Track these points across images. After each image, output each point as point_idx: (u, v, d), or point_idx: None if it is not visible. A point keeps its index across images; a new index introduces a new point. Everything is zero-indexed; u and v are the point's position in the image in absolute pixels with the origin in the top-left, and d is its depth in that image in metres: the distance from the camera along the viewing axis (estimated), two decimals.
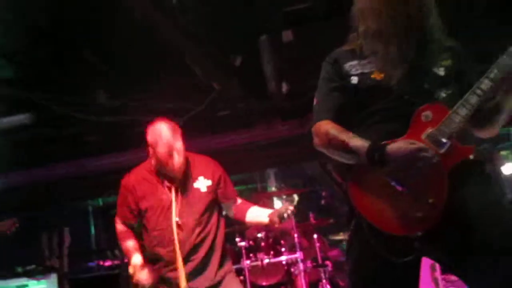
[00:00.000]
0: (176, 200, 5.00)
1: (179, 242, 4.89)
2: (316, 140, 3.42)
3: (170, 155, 4.90)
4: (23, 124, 9.41)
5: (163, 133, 4.96)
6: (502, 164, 9.84)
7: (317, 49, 3.66)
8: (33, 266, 8.26)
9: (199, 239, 5.01)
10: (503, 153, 9.99)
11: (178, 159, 4.93)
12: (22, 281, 8.00)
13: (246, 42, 8.29)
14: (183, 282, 4.85)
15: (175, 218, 4.93)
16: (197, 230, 5.01)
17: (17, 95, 8.84)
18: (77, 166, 9.97)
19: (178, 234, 4.90)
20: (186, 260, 4.92)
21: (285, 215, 4.95)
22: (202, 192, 5.10)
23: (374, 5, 3.29)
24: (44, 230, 9.85)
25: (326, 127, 3.36)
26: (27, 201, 9.09)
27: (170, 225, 4.94)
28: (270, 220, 5.08)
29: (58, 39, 7.96)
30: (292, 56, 8.02)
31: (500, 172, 9.77)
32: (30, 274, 8.06)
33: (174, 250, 4.89)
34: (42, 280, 7.96)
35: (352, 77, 3.36)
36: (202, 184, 5.12)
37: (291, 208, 4.96)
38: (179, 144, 4.98)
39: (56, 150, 9.73)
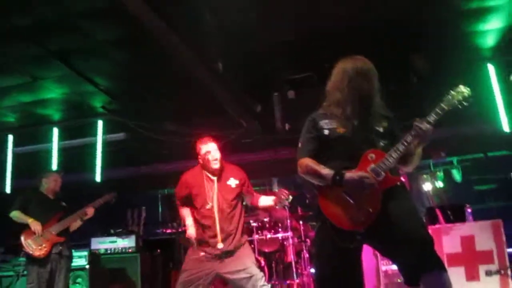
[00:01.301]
0: (212, 188, 5.12)
1: (216, 217, 5.03)
2: (300, 170, 3.45)
3: (211, 161, 5.09)
4: (121, 139, 9.49)
5: (206, 143, 5.17)
6: (424, 183, 9.79)
7: (309, 105, 3.66)
8: (120, 230, 8.28)
9: (229, 216, 5.08)
10: (424, 176, 9.92)
11: (216, 165, 5.10)
12: (113, 238, 8.02)
13: (264, 96, 8.36)
14: (219, 242, 4.97)
15: (214, 203, 5.06)
16: (228, 211, 5.07)
17: (118, 121, 8.94)
18: (154, 168, 10.02)
19: (216, 212, 5.03)
20: (220, 230, 4.99)
21: (282, 201, 5.18)
22: (232, 187, 5.17)
23: (339, 84, 3.37)
24: (129, 207, 9.89)
25: (306, 161, 3.40)
26: (121, 187, 9.12)
27: (210, 205, 5.06)
28: (274, 202, 5.25)
29: (145, 88, 8.07)
30: (293, 107, 8.06)
31: (422, 188, 9.72)
32: (118, 234, 8.08)
33: (213, 223, 5.02)
34: (126, 239, 7.97)
35: (324, 130, 3.38)
36: (232, 182, 5.20)
37: (287, 198, 5.14)
38: (217, 155, 5.12)
39: (140, 157, 9.79)
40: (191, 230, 5.08)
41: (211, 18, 6.00)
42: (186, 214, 5.21)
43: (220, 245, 4.97)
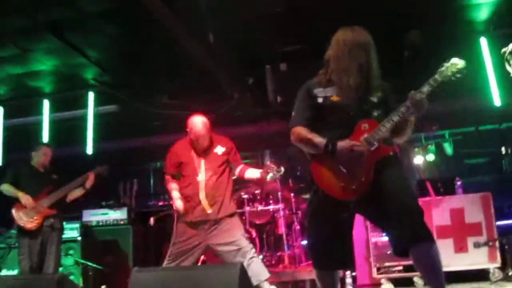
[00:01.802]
0: (200, 158, 5.22)
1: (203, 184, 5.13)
2: (292, 138, 3.46)
3: (199, 140, 5.16)
4: (113, 111, 9.45)
5: (197, 123, 5.17)
6: (415, 156, 9.86)
7: (302, 78, 3.65)
8: (112, 202, 8.27)
9: (216, 183, 5.16)
10: (416, 149, 9.97)
11: (202, 141, 5.18)
12: (105, 211, 8.02)
13: (256, 69, 8.32)
14: (207, 207, 5.06)
15: (203, 171, 5.17)
16: (214, 178, 5.16)
17: (110, 92, 8.89)
18: (145, 141, 9.99)
19: (203, 181, 5.13)
20: (207, 196, 5.08)
21: (270, 173, 5.16)
22: (218, 155, 5.26)
23: (340, 53, 3.34)
24: (121, 180, 9.87)
25: (299, 129, 3.40)
26: (112, 160, 9.10)
27: (197, 174, 5.15)
28: (261, 175, 5.27)
29: (137, 61, 8.02)
30: (285, 80, 8.03)
31: (413, 161, 9.79)
32: (110, 207, 8.08)
33: (201, 191, 5.10)
34: (118, 211, 7.97)
35: (318, 98, 3.38)
36: (219, 150, 5.28)
37: (278, 171, 5.16)
38: (204, 131, 5.16)
39: (132, 130, 9.76)
40: (178, 203, 5.15)
41: None
42: (173, 187, 5.28)
43: (209, 211, 5.04)
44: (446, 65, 3.22)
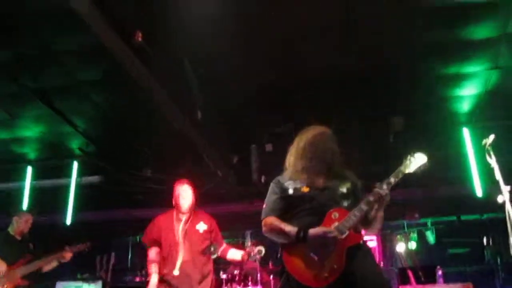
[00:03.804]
0: (182, 233, 5.10)
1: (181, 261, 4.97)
2: (264, 229, 3.49)
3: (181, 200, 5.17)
4: (96, 182, 9.36)
5: (183, 188, 5.24)
6: (397, 243, 9.80)
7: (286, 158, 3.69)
8: (87, 274, 8.06)
9: (195, 262, 5.01)
10: (398, 236, 9.93)
11: (184, 203, 5.16)
12: (79, 283, 7.81)
13: (242, 148, 8.36)
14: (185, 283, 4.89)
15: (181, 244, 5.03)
16: (194, 256, 5.03)
17: (94, 163, 8.84)
18: (126, 213, 9.88)
19: (181, 253, 4.99)
20: (186, 273, 4.92)
21: (252, 255, 5.22)
22: (200, 233, 5.15)
23: (301, 152, 3.50)
24: (98, 252, 9.65)
25: (270, 220, 3.44)
26: (91, 232, 8.95)
27: (178, 251, 5.00)
28: (242, 257, 5.23)
29: (123, 132, 8.04)
30: (270, 160, 8.04)
31: (395, 248, 9.73)
32: (85, 280, 7.87)
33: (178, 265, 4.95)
34: (92, 284, 7.75)
35: (289, 190, 3.45)
36: (201, 227, 5.18)
37: (258, 252, 5.24)
38: (189, 195, 5.20)
39: (114, 202, 9.66)
40: None
41: (191, 66, 6.02)
42: (153, 270, 5.09)
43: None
44: (411, 158, 3.35)
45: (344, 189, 3.41)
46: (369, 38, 5.84)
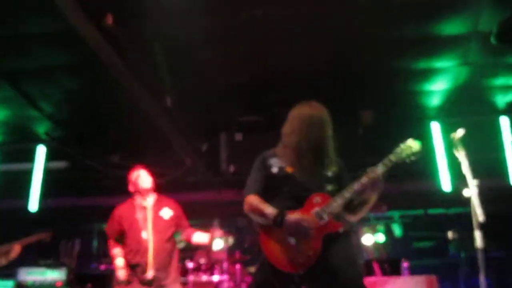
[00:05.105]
0: (145, 222, 4.98)
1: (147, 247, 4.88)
2: (245, 207, 3.42)
3: (140, 183, 5.09)
4: (62, 168, 9.22)
5: (139, 172, 5.19)
6: (363, 235, 9.89)
7: (256, 148, 3.68)
8: (50, 260, 7.92)
9: (162, 249, 4.92)
10: (365, 228, 10.02)
11: (145, 184, 5.10)
12: (43, 270, 7.65)
13: (211, 136, 8.33)
14: (151, 272, 4.80)
15: (148, 231, 4.93)
16: (161, 244, 4.92)
17: (61, 148, 8.71)
18: (93, 200, 9.76)
19: (150, 242, 4.89)
20: (153, 261, 4.84)
21: (219, 241, 5.18)
22: (165, 219, 5.05)
23: (295, 129, 3.40)
24: (62, 238, 9.53)
25: (252, 199, 3.39)
26: (57, 218, 8.82)
27: (142, 239, 4.91)
28: (209, 241, 5.13)
29: (91, 117, 7.94)
30: (239, 150, 8.04)
31: (361, 240, 9.82)
32: (48, 266, 7.72)
33: (146, 254, 4.86)
34: (56, 271, 7.63)
35: (273, 168, 3.41)
36: (166, 213, 5.09)
37: (226, 239, 5.25)
38: (148, 178, 5.14)
39: (80, 188, 9.53)
40: (121, 273, 4.91)
41: (162, 51, 5.95)
42: (117, 253, 5.04)
43: (153, 276, 4.79)
44: (402, 146, 3.29)
45: (329, 174, 3.37)
46: (340, 33, 5.85)
